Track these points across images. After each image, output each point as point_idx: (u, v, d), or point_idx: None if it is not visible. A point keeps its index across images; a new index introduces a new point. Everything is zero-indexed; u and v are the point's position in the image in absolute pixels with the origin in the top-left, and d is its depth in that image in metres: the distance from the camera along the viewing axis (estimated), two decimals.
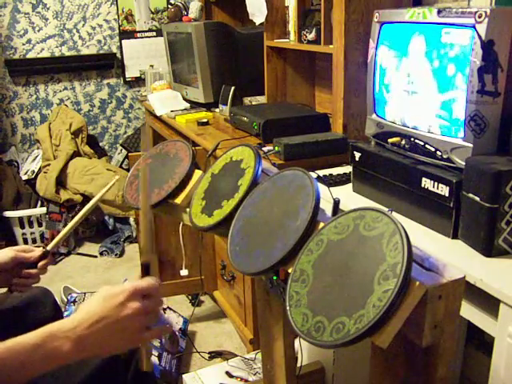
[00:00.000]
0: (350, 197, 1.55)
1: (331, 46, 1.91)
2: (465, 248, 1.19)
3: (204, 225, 1.07)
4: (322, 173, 1.60)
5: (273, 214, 0.95)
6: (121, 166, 3.61)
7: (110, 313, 0.81)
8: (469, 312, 1.09)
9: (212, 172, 1.16)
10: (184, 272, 2.23)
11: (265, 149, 1.85)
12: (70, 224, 1.22)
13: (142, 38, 3.64)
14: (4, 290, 1.19)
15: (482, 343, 1.67)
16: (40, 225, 3.14)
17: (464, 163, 1.20)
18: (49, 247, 1.19)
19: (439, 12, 1.26)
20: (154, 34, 3.65)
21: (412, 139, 1.37)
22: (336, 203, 0.91)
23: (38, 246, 1.22)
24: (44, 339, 0.78)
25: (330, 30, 1.92)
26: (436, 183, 1.25)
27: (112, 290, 0.84)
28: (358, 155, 1.53)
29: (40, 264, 1.18)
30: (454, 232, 1.24)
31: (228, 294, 2.18)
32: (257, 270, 0.91)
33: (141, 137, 3.29)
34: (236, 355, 1.99)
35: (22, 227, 3.12)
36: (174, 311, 2.21)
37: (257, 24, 2.42)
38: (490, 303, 1.03)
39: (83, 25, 3.51)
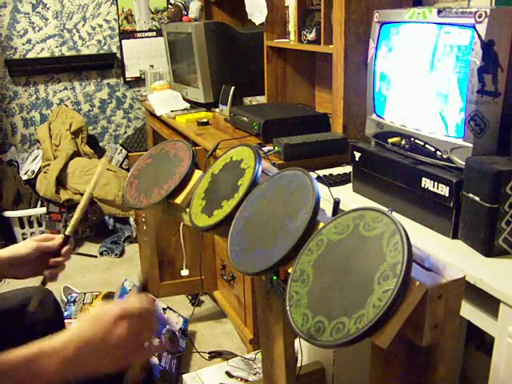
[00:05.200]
0: (349, 197, 1.55)
1: (331, 46, 1.91)
2: (465, 248, 1.19)
3: (204, 225, 1.07)
4: (321, 173, 1.60)
5: (273, 214, 0.95)
6: (121, 166, 3.60)
7: (97, 334, 0.81)
8: (469, 312, 1.09)
9: (212, 172, 1.16)
10: (184, 272, 2.23)
11: (265, 149, 1.85)
12: (81, 204, 1.19)
13: (142, 37, 3.64)
14: (34, 279, 1.18)
15: (482, 343, 1.67)
16: (40, 225, 3.14)
17: (464, 163, 1.20)
18: (67, 232, 1.18)
19: (439, 12, 1.26)
20: (154, 33, 3.65)
21: (412, 139, 1.37)
22: (336, 203, 0.91)
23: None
24: (33, 356, 0.77)
25: (330, 30, 1.92)
26: (436, 183, 1.25)
27: (101, 310, 0.84)
28: (358, 155, 1.53)
29: (63, 251, 1.17)
30: (454, 232, 1.24)
31: (228, 294, 2.18)
32: (257, 270, 0.91)
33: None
34: (236, 355, 2.00)
35: (22, 227, 3.12)
36: (174, 311, 2.21)
37: (256, 24, 2.42)
38: (490, 303, 1.03)
39: (83, 25, 3.51)
